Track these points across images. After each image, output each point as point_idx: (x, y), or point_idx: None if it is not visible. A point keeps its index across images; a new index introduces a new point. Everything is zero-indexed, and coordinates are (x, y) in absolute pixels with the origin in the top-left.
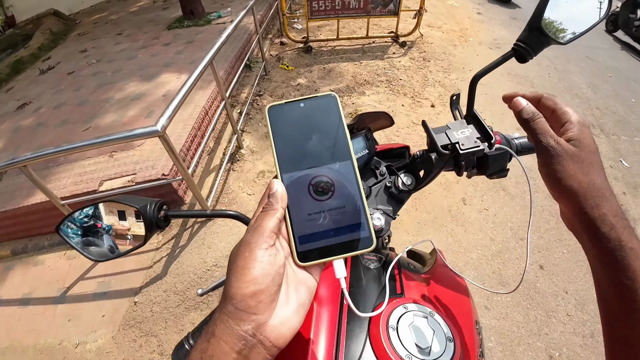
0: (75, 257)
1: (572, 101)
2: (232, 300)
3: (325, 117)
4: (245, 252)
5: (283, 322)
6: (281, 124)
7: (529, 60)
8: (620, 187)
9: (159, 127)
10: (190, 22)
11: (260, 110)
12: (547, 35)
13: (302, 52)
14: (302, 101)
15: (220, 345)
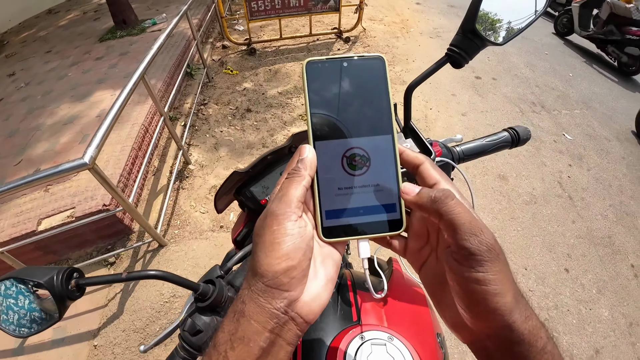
0: None
1: (512, 81)
2: (263, 278)
3: (369, 83)
4: (273, 225)
5: (313, 298)
6: (319, 83)
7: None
8: (566, 159)
9: (86, 159)
10: (123, 32)
11: (207, 120)
12: (482, 37)
13: (246, 55)
14: (345, 60)
15: (251, 325)
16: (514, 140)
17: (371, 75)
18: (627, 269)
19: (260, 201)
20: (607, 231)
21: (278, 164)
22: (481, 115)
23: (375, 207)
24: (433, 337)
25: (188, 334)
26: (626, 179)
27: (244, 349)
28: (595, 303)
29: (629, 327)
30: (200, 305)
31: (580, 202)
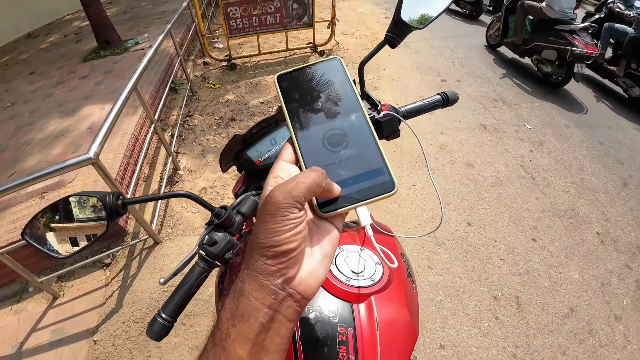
0: (23, 310)
1: (475, 82)
2: (262, 258)
3: (332, 78)
4: (276, 214)
5: (310, 274)
6: (290, 89)
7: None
8: (527, 146)
9: (91, 154)
10: (106, 51)
11: (193, 130)
12: (408, 24)
13: (227, 70)
14: (309, 67)
15: (250, 302)
16: (445, 101)
17: (332, 72)
18: (593, 236)
19: (255, 162)
20: (570, 205)
21: (269, 132)
22: (447, 112)
23: (364, 174)
24: (397, 253)
25: (206, 246)
26: (586, 159)
27: (244, 325)
28: (564, 267)
29: (601, 287)
30: (215, 223)
31: (543, 181)
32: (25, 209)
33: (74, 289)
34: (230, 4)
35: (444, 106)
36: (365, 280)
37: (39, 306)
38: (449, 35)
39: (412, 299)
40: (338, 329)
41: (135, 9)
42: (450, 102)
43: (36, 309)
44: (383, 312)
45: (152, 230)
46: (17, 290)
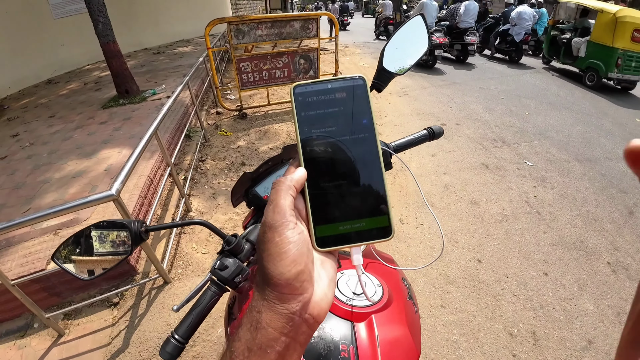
0: (27, 346)
1: (474, 124)
2: (277, 288)
3: (352, 101)
4: (275, 238)
5: (322, 298)
6: (305, 105)
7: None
8: (530, 182)
9: (113, 191)
10: (125, 100)
11: (205, 174)
12: (390, 71)
13: (238, 119)
14: (329, 82)
15: (268, 332)
16: (431, 135)
17: (354, 94)
18: (604, 267)
19: (262, 197)
20: (578, 237)
21: (275, 169)
22: (449, 154)
23: (365, 214)
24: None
25: (218, 270)
26: (589, 191)
27: (261, 355)
28: (578, 299)
29: (617, 317)
30: (226, 249)
31: (549, 216)
32: (38, 244)
33: (80, 327)
34: (242, 60)
35: (431, 139)
36: (364, 300)
37: (43, 343)
38: (445, 83)
39: (413, 319)
40: (340, 346)
41: (153, 63)
42: (437, 136)
43: (40, 345)
44: (384, 330)
45: (163, 268)
46: (22, 325)
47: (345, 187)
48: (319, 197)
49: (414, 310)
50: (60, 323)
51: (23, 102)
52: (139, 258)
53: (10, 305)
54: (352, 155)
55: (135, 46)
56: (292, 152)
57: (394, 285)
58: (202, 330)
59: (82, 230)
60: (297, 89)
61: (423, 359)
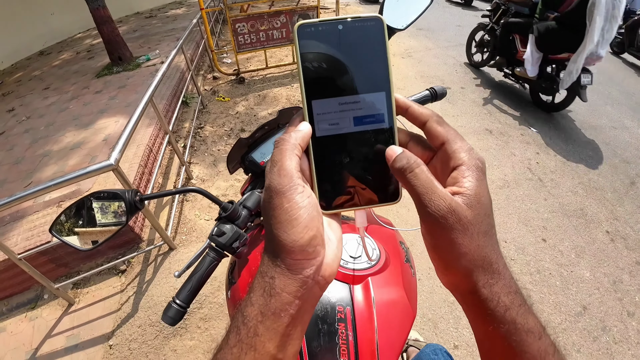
0: (38, 317)
1: (479, 89)
2: (291, 254)
3: (366, 45)
4: (283, 204)
5: (332, 259)
6: (312, 47)
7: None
8: (534, 148)
9: (112, 160)
10: (119, 67)
11: (204, 141)
12: (390, 26)
13: (235, 84)
14: (340, 22)
15: (283, 296)
16: (434, 96)
17: (369, 37)
18: (602, 235)
19: (259, 163)
20: (578, 205)
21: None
22: (453, 118)
23: (371, 179)
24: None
25: (215, 237)
26: (592, 160)
27: (274, 319)
28: (575, 266)
29: (612, 285)
30: (223, 215)
31: (550, 183)
32: (42, 217)
33: (89, 296)
34: (238, 21)
35: (433, 100)
36: (362, 263)
37: (54, 313)
38: (451, 45)
39: (409, 282)
40: (337, 307)
41: (145, 27)
42: (439, 97)
43: (51, 315)
44: (380, 292)
45: (167, 236)
46: (32, 297)
47: (352, 144)
48: (324, 155)
49: (411, 273)
50: (70, 292)
51: (16, 75)
52: (144, 226)
53: (19, 278)
54: (363, 111)
55: (127, 11)
56: (288, 116)
57: (392, 248)
58: (208, 293)
59: (77, 202)
60: (302, 29)
61: (421, 319)
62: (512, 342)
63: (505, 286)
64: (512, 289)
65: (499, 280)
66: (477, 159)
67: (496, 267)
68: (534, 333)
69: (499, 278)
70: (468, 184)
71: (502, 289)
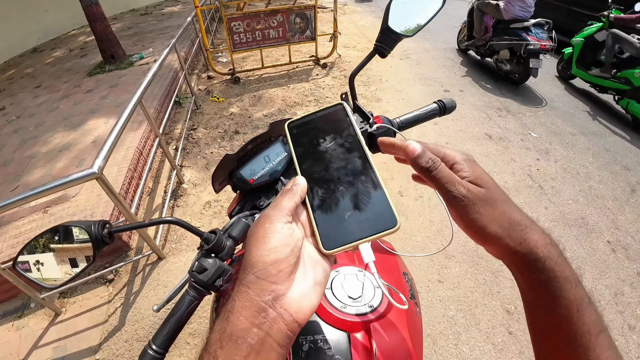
0: (25, 326)
1: (478, 91)
2: (253, 269)
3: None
4: (265, 224)
5: (302, 296)
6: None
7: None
8: (533, 154)
9: (95, 168)
10: (111, 66)
11: (197, 144)
12: (397, 32)
13: (230, 84)
14: (315, 113)
15: (239, 321)
16: (442, 109)
17: (338, 118)
18: (604, 245)
19: (249, 181)
20: (579, 213)
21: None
22: (452, 123)
23: (367, 212)
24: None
25: (196, 273)
26: (593, 166)
27: (232, 346)
28: None
29: (614, 297)
30: (205, 248)
31: (551, 190)
32: (27, 224)
33: (76, 306)
34: (233, 19)
35: (441, 114)
36: (362, 306)
37: (41, 322)
38: (449, 47)
39: (414, 323)
40: None
41: (140, 25)
42: (448, 110)
43: (38, 325)
44: (382, 340)
45: (156, 245)
46: (19, 306)
47: (346, 194)
48: (319, 203)
49: (416, 312)
50: (57, 302)
51: (9, 73)
52: (132, 233)
53: (5, 287)
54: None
55: (122, 8)
56: (280, 129)
57: (395, 281)
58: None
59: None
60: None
61: None
62: (552, 287)
63: (540, 239)
64: (547, 241)
65: (533, 233)
66: (463, 153)
67: (525, 224)
68: (571, 281)
69: (532, 232)
70: (466, 172)
71: (538, 241)
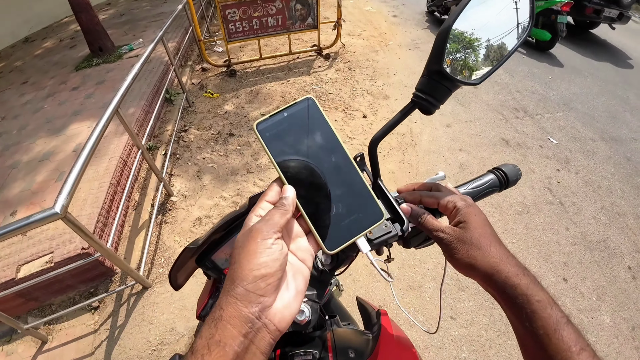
0: (14, 352)
1: (493, 88)
2: (243, 282)
3: (310, 119)
4: (257, 238)
5: (285, 307)
6: (271, 134)
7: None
8: (553, 164)
9: (57, 208)
10: (99, 59)
11: (188, 147)
12: (452, 78)
13: (226, 77)
14: (284, 110)
15: (227, 329)
16: (502, 183)
17: (309, 113)
18: (624, 272)
19: (223, 270)
20: (601, 235)
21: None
22: (465, 125)
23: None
24: None
25: None
26: (614, 178)
27: (220, 352)
28: (596, 311)
29: (631, 332)
30: None
31: (572, 207)
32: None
33: (63, 333)
34: (228, 6)
35: (502, 189)
36: None
37: (29, 350)
38: None
39: None
40: None
41: (133, 11)
42: (511, 183)
43: (26, 352)
44: None
45: (140, 276)
46: (7, 330)
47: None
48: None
49: None
50: (43, 328)
51: None
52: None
53: None
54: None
55: None
56: None
57: None
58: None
59: None
60: (259, 126)
61: None
62: (527, 309)
63: (511, 270)
64: (518, 272)
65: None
66: (462, 198)
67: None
68: (544, 303)
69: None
70: (460, 217)
71: (510, 272)
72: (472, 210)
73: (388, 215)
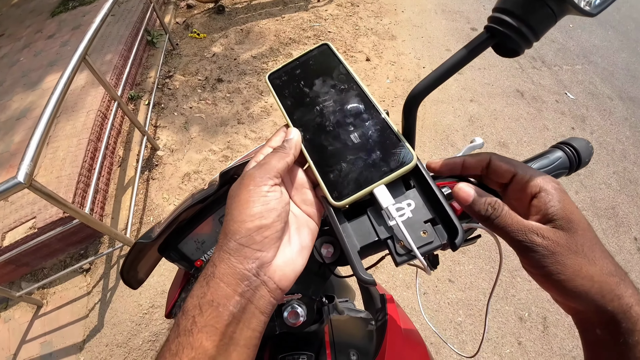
0: (11, 318)
1: None
2: (235, 236)
3: (326, 66)
4: (249, 185)
5: (287, 263)
6: (283, 86)
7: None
8: (568, 122)
9: (20, 177)
10: (75, 1)
11: (173, 96)
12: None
13: (213, 14)
14: (298, 59)
15: (221, 288)
16: (573, 163)
17: (325, 60)
18: (630, 243)
19: (194, 262)
20: (610, 201)
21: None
22: (478, 72)
23: (376, 154)
24: None
25: None
26: (629, 142)
27: (212, 313)
28: None
29: None
30: None
31: (584, 170)
32: None
33: (57, 297)
34: None
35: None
36: None
37: (25, 315)
38: None
39: None
40: None
41: None
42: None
43: (23, 317)
44: None
45: (126, 238)
46: (2, 297)
47: (343, 133)
48: (319, 151)
49: None
50: (37, 293)
51: None
52: (103, 216)
53: None
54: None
55: None
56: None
57: None
58: None
59: None
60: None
61: None
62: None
63: (634, 294)
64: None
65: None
66: (552, 181)
67: (619, 276)
68: None
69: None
70: (553, 209)
71: (632, 297)
72: (569, 200)
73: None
